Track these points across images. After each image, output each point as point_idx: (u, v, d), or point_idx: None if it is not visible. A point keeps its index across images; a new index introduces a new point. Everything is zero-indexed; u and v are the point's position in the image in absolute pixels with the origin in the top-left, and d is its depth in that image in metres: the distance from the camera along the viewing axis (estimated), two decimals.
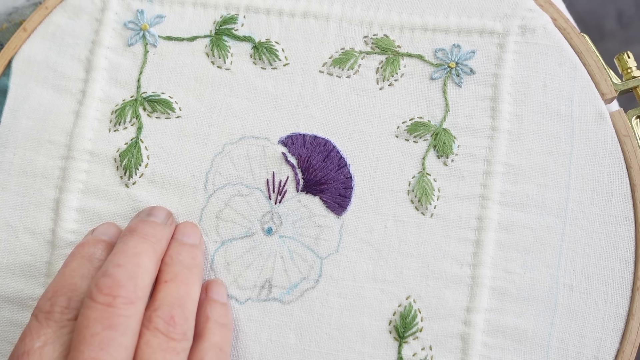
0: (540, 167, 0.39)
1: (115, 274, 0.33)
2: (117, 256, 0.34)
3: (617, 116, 0.40)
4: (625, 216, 0.38)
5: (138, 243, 0.35)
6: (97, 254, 0.36)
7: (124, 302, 0.32)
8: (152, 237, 0.35)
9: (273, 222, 0.39)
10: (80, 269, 0.35)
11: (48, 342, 0.32)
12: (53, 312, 0.33)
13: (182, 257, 0.36)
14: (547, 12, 0.41)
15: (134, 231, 0.36)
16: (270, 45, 0.41)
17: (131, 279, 0.33)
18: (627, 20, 1.10)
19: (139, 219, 0.37)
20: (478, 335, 0.37)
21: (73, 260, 0.35)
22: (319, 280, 0.39)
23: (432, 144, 0.40)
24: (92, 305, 0.32)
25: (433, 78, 0.40)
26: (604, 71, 0.40)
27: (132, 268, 0.33)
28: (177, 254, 0.36)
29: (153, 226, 0.36)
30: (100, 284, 0.32)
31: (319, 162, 0.40)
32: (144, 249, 0.34)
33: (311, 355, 0.38)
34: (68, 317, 0.33)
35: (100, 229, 0.38)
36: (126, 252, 0.34)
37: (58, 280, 0.34)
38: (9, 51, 0.42)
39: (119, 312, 0.32)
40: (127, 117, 0.41)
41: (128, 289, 0.32)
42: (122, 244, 0.35)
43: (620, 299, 0.38)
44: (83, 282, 0.34)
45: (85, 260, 0.35)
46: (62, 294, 0.33)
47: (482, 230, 0.38)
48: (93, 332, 0.31)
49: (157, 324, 0.33)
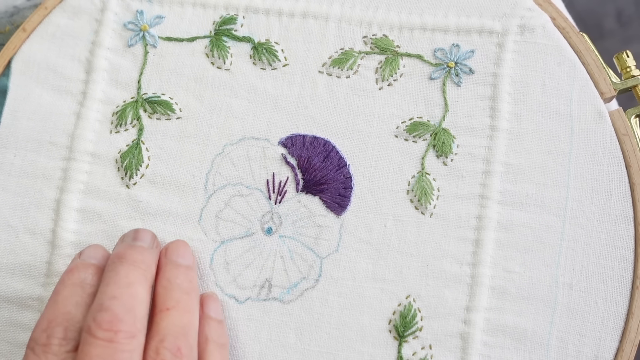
0: (539, 166, 0.39)
1: (112, 308, 0.32)
2: (110, 287, 0.33)
3: (616, 115, 0.40)
4: (624, 215, 0.38)
5: (129, 271, 0.34)
6: (88, 280, 0.35)
7: (126, 336, 0.31)
8: (142, 264, 0.35)
9: (273, 222, 0.39)
10: (73, 297, 0.34)
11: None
12: (50, 345, 0.32)
13: (180, 281, 0.35)
14: (546, 11, 0.41)
15: (122, 258, 0.35)
16: (269, 45, 0.41)
17: (129, 312, 0.32)
18: (626, 20, 1.10)
19: (125, 245, 0.36)
20: (478, 334, 0.37)
21: (64, 288, 0.34)
22: (318, 279, 0.39)
23: (431, 143, 0.40)
24: (92, 341, 0.31)
25: (432, 78, 0.40)
26: (603, 70, 0.40)
27: (128, 300, 0.32)
28: (175, 277, 0.35)
29: (141, 252, 0.35)
30: (99, 319, 0.31)
31: (319, 162, 0.40)
32: (136, 278, 0.34)
33: (311, 354, 0.38)
34: (66, 348, 0.32)
35: (88, 252, 0.37)
36: (119, 282, 0.33)
37: (51, 310, 0.33)
38: (8, 51, 0.42)
39: (122, 348, 0.31)
40: (128, 119, 0.41)
41: (128, 323, 0.31)
42: (113, 273, 0.34)
43: (620, 298, 0.38)
44: (77, 310, 0.33)
45: (76, 287, 0.34)
46: (57, 324, 0.32)
47: (482, 230, 0.38)
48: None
49: (165, 355, 0.32)
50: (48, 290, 0.39)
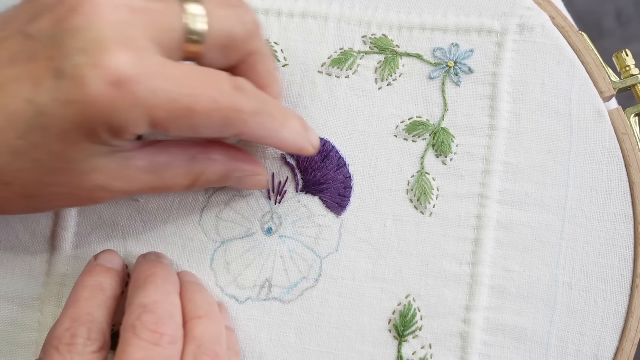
0: (538, 166, 0.39)
1: (157, 310, 0.31)
2: (150, 292, 0.32)
3: (616, 114, 0.40)
4: (624, 214, 0.38)
5: (165, 283, 0.34)
6: (106, 283, 0.35)
7: (169, 341, 0.31)
8: (171, 278, 0.35)
9: (273, 222, 0.39)
10: (94, 299, 0.33)
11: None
12: (75, 344, 0.31)
13: (204, 295, 0.35)
14: (545, 10, 0.41)
15: (154, 272, 0.34)
16: (269, 45, 0.41)
17: (171, 318, 0.31)
18: (625, 19, 1.10)
19: (153, 261, 0.36)
20: (477, 334, 0.37)
21: (83, 289, 0.34)
22: (318, 279, 0.39)
23: (430, 143, 0.40)
24: (136, 343, 0.30)
25: (431, 77, 0.40)
26: (602, 69, 0.40)
27: (169, 306, 0.32)
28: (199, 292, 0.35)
29: (169, 270, 0.36)
30: (144, 319, 0.31)
31: (318, 162, 0.40)
32: (172, 289, 0.33)
33: (311, 354, 0.38)
34: (91, 349, 0.31)
35: (105, 257, 0.37)
36: (158, 289, 0.33)
37: (73, 310, 0.33)
38: None
39: (165, 353, 0.30)
40: None
41: (171, 327, 0.31)
42: (150, 280, 0.33)
43: (620, 297, 0.38)
44: (99, 312, 0.33)
45: (96, 289, 0.34)
46: (81, 324, 0.32)
47: (481, 229, 0.38)
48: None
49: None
50: (48, 290, 0.39)
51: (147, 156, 0.33)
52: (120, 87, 0.28)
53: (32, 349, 0.39)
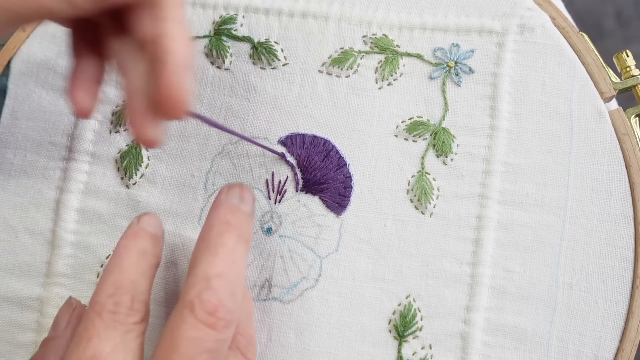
0: (539, 166, 0.39)
1: (219, 289, 0.30)
2: (217, 259, 0.31)
3: (616, 115, 0.40)
4: (624, 214, 0.38)
5: (237, 244, 0.32)
6: (149, 249, 0.33)
7: (225, 325, 0.30)
8: (246, 235, 0.32)
9: (273, 222, 0.39)
10: (139, 266, 0.32)
11: (118, 348, 0.30)
12: (118, 313, 0.30)
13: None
14: (545, 11, 0.41)
15: (230, 225, 0.32)
16: (269, 45, 0.41)
17: (232, 297, 0.30)
18: (626, 19, 1.10)
19: (233, 206, 0.33)
20: (478, 334, 0.37)
21: (129, 254, 0.32)
22: (318, 279, 0.39)
23: (431, 143, 0.40)
24: (192, 322, 0.29)
25: (432, 77, 0.40)
26: (602, 70, 0.40)
27: (234, 281, 0.31)
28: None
29: (247, 221, 0.33)
30: (205, 299, 0.30)
31: (319, 161, 0.40)
32: (241, 254, 0.32)
33: (311, 354, 0.38)
34: (134, 320, 0.31)
35: (147, 220, 0.34)
36: (227, 257, 0.31)
37: (117, 276, 0.32)
38: (8, 51, 0.42)
39: (218, 337, 0.30)
40: (128, 119, 0.41)
41: (229, 310, 0.30)
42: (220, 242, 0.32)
43: (620, 297, 0.38)
44: (142, 280, 0.32)
45: (140, 255, 0.32)
46: (125, 292, 0.31)
47: (482, 229, 0.38)
48: (190, 354, 0.29)
49: (240, 342, 0.32)
50: (48, 291, 0.39)
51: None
52: None
53: (31, 350, 0.39)
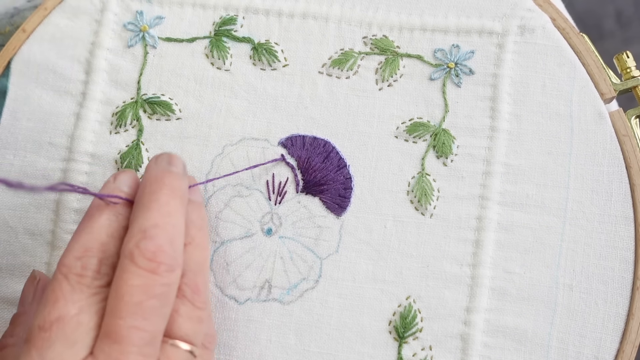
0: (539, 167, 0.39)
1: (156, 237, 0.30)
2: (152, 213, 0.31)
3: (617, 116, 0.40)
4: (624, 216, 0.38)
5: (169, 199, 0.32)
6: (122, 210, 0.33)
7: (167, 269, 0.30)
8: (179, 192, 0.33)
9: (273, 223, 0.39)
10: (109, 227, 0.32)
11: (83, 310, 0.30)
12: (85, 276, 0.31)
13: (194, 218, 0.34)
14: (546, 12, 0.41)
15: (162, 184, 0.32)
16: (269, 46, 0.41)
17: (171, 244, 0.31)
18: (626, 20, 1.10)
19: (163, 169, 0.33)
20: (478, 336, 0.37)
21: (101, 214, 0.32)
22: (318, 280, 0.39)
23: (431, 144, 0.40)
24: (133, 270, 0.30)
25: (432, 78, 0.40)
26: (603, 71, 0.40)
27: (170, 230, 0.31)
28: (189, 213, 0.34)
29: (179, 179, 0.33)
30: (143, 247, 0.30)
31: (319, 163, 0.40)
32: (176, 207, 0.32)
33: (311, 355, 0.38)
34: (100, 283, 0.31)
35: (123, 178, 0.34)
36: (160, 209, 0.31)
37: (87, 237, 0.32)
38: (8, 52, 0.42)
39: (162, 281, 0.30)
40: (128, 119, 0.41)
41: (169, 255, 0.30)
42: (153, 197, 0.32)
43: (620, 299, 0.38)
44: (111, 242, 0.32)
45: (113, 216, 0.33)
46: (93, 255, 0.31)
47: (482, 231, 0.38)
48: (136, 301, 0.29)
49: (185, 291, 0.32)
50: None
51: None
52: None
53: None
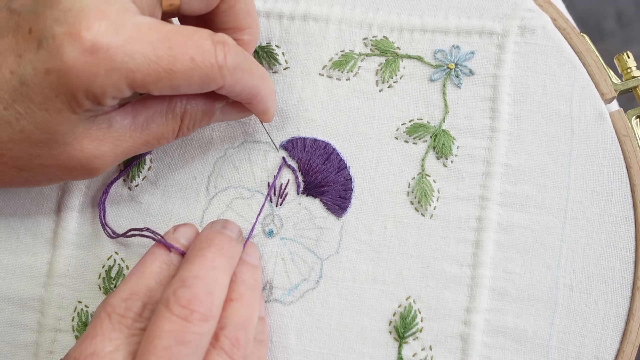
0: (539, 168, 0.39)
1: (194, 287, 0.31)
2: (195, 266, 0.33)
3: (617, 116, 0.40)
4: (625, 216, 0.38)
5: (216, 256, 0.34)
6: (175, 260, 0.35)
7: (200, 318, 0.31)
8: (228, 252, 0.34)
9: (274, 224, 0.40)
10: (160, 274, 0.34)
11: (119, 348, 0.31)
12: (126, 317, 0.32)
13: (246, 278, 0.35)
14: (546, 12, 0.41)
15: (211, 242, 0.34)
16: (270, 49, 0.41)
17: (208, 295, 0.32)
18: (626, 20, 1.09)
19: (215, 230, 0.36)
20: (478, 336, 0.37)
21: (154, 261, 0.34)
22: (319, 281, 0.39)
23: (431, 145, 0.40)
24: (167, 315, 0.31)
25: (432, 79, 0.40)
26: (603, 71, 0.40)
27: (210, 283, 0.32)
28: (242, 273, 0.35)
29: (229, 241, 0.35)
30: (179, 294, 0.31)
31: (319, 164, 0.40)
32: (221, 264, 0.33)
33: (312, 355, 0.38)
34: (140, 325, 0.32)
35: (182, 231, 0.37)
36: (204, 264, 0.33)
37: (136, 281, 0.33)
38: None
39: (193, 329, 0.31)
40: None
41: (205, 305, 0.31)
42: (199, 253, 0.34)
43: (621, 299, 0.38)
44: (158, 288, 0.33)
45: (165, 264, 0.35)
46: (138, 299, 0.33)
47: (482, 231, 0.38)
48: (165, 345, 0.30)
49: (223, 343, 0.32)
50: (49, 291, 0.39)
51: (129, 113, 0.33)
52: (96, 54, 0.29)
53: (31, 350, 0.39)
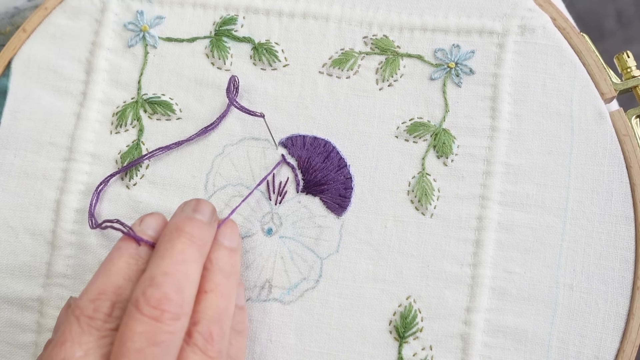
0: (540, 167, 0.39)
1: (163, 285, 0.31)
2: (164, 261, 0.32)
3: (617, 115, 0.40)
4: (625, 215, 0.38)
5: (185, 247, 0.33)
6: (143, 253, 0.34)
7: (171, 317, 0.30)
8: (198, 240, 0.33)
9: (273, 223, 0.39)
10: (127, 270, 0.33)
11: (89, 353, 0.31)
12: (95, 319, 0.31)
13: (222, 264, 0.34)
14: (546, 11, 0.41)
15: (180, 231, 0.33)
16: (270, 46, 0.41)
17: (179, 292, 0.31)
18: (626, 20, 1.10)
19: (185, 217, 0.34)
20: (478, 335, 0.37)
21: (121, 257, 0.34)
22: (319, 280, 0.39)
23: (431, 144, 0.40)
24: (138, 317, 0.30)
25: (433, 78, 0.40)
26: (603, 71, 0.40)
27: (180, 278, 0.31)
28: (218, 259, 0.34)
29: (200, 226, 0.34)
30: (148, 295, 0.31)
31: (319, 162, 0.40)
32: (191, 255, 0.33)
33: (311, 355, 0.38)
34: (110, 326, 0.31)
35: (149, 221, 0.35)
36: (174, 257, 0.32)
37: (103, 279, 0.33)
38: (8, 52, 0.42)
39: (165, 329, 0.30)
40: (128, 119, 0.41)
41: (176, 304, 0.31)
42: (169, 245, 0.33)
43: (621, 299, 0.38)
44: (127, 285, 0.33)
45: (132, 259, 0.34)
46: (106, 298, 0.32)
47: (482, 230, 0.38)
48: (138, 347, 0.30)
49: (197, 340, 0.32)
50: (48, 291, 0.39)
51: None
52: None
53: (31, 350, 0.39)
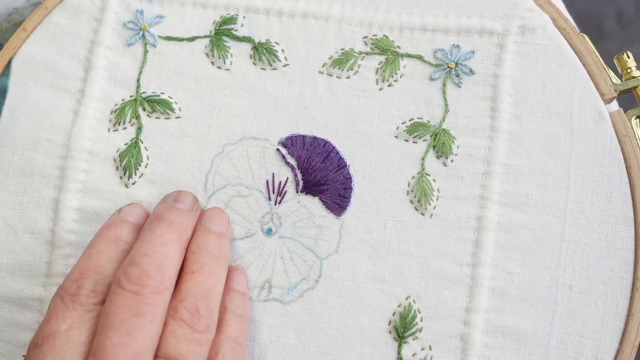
0: (539, 167, 0.39)
1: (143, 264, 0.33)
2: (144, 244, 0.34)
3: (617, 116, 0.40)
4: (624, 216, 0.38)
5: (165, 232, 0.35)
6: (124, 236, 0.36)
7: (152, 291, 0.32)
8: (178, 226, 0.36)
9: (273, 223, 0.39)
10: (107, 252, 0.35)
11: (74, 326, 0.32)
12: (79, 295, 0.33)
13: (210, 247, 0.36)
14: (546, 12, 0.41)
15: (160, 218, 0.36)
16: (270, 45, 0.41)
17: (158, 270, 0.33)
18: (626, 21, 1.10)
19: (165, 206, 0.37)
20: (478, 336, 0.37)
21: (100, 241, 0.35)
22: (318, 280, 0.39)
23: (431, 144, 0.40)
24: (120, 292, 0.32)
25: (432, 78, 0.40)
26: (603, 71, 0.40)
27: (160, 258, 0.33)
28: (205, 243, 0.36)
29: (179, 214, 0.36)
30: (129, 273, 0.32)
31: (319, 163, 0.40)
32: (170, 239, 0.35)
33: (311, 355, 0.38)
34: (94, 300, 0.33)
35: (127, 209, 0.38)
36: (153, 240, 0.34)
37: (84, 261, 0.34)
38: (8, 51, 0.42)
39: (147, 301, 0.32)
40: (127, 117, 0.41)
41: (156, 279, 0.33)
42: (149, 232, 0.35)
43: (620, 299, 0.38)
44: (109, 265, 0.34)
45: (111, 242, 0.35)
46: (88, 277, 0.34)
47: (482, 231, 0.38)
48: (121, 318, 0.31)
49: (183, 314, 0.33)
50: (48, 290, 0.39)
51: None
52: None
53: None
